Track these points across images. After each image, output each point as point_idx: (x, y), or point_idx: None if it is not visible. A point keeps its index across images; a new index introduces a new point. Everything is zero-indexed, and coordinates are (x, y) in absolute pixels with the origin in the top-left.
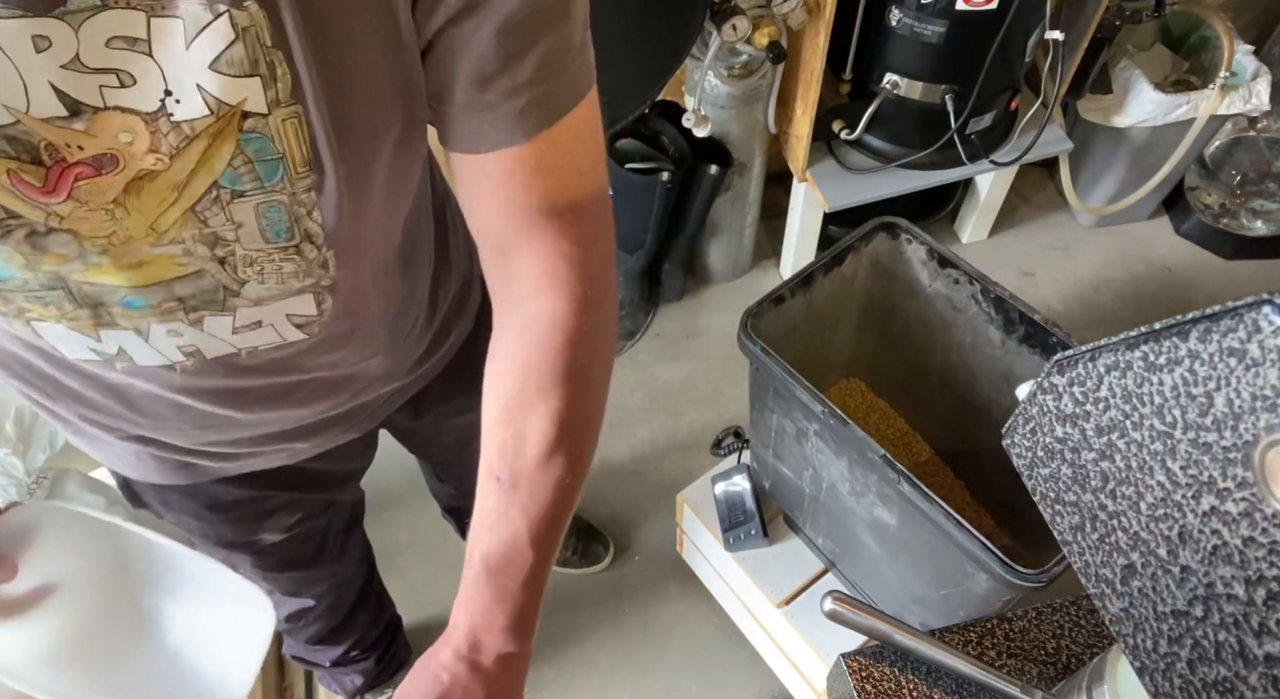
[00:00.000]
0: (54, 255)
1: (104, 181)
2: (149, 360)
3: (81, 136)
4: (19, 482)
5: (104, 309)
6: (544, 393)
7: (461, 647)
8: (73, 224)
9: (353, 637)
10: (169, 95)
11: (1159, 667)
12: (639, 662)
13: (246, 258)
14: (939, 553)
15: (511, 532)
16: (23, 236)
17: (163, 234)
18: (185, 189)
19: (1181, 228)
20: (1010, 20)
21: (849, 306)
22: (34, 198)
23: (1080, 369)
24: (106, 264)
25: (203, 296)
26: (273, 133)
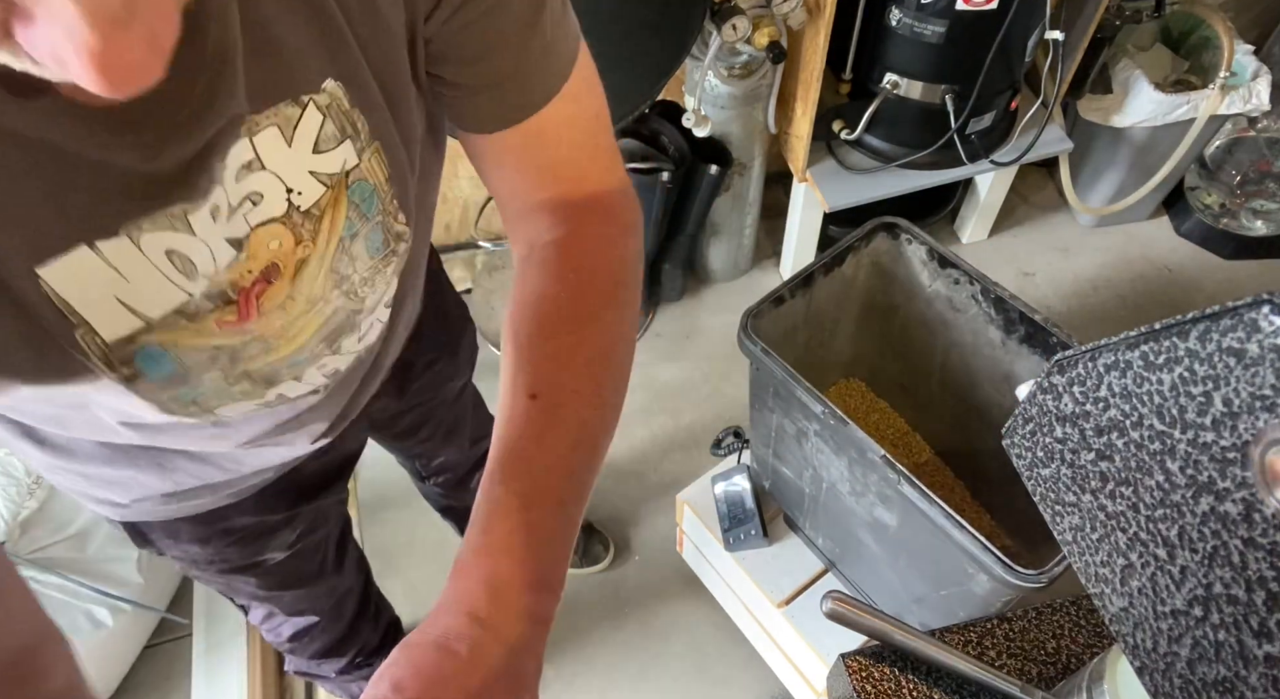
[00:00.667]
0: (246, 359)
1: (276, 288)
2: (299, 393)
3: (248, 262)
4: (19, 482)
5: (276, 376)
6: (594, 312)
7: (479, 605)
8: (260, 331)
9: (357, 645)
10: (290, 192)
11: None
12: (639, 662)
13: (362, 280)
14: (939, 553)
15: (551, 455)
16: (225, 358)
17: (315, 301)
18: (324, 257)
19: (1181, 228)
20: (1010, 20)
21: (849, 307)
22: (236, 329)
23: (1080, 369)
24: (281, 345)
25: (341, 328)
26: (365, 174)
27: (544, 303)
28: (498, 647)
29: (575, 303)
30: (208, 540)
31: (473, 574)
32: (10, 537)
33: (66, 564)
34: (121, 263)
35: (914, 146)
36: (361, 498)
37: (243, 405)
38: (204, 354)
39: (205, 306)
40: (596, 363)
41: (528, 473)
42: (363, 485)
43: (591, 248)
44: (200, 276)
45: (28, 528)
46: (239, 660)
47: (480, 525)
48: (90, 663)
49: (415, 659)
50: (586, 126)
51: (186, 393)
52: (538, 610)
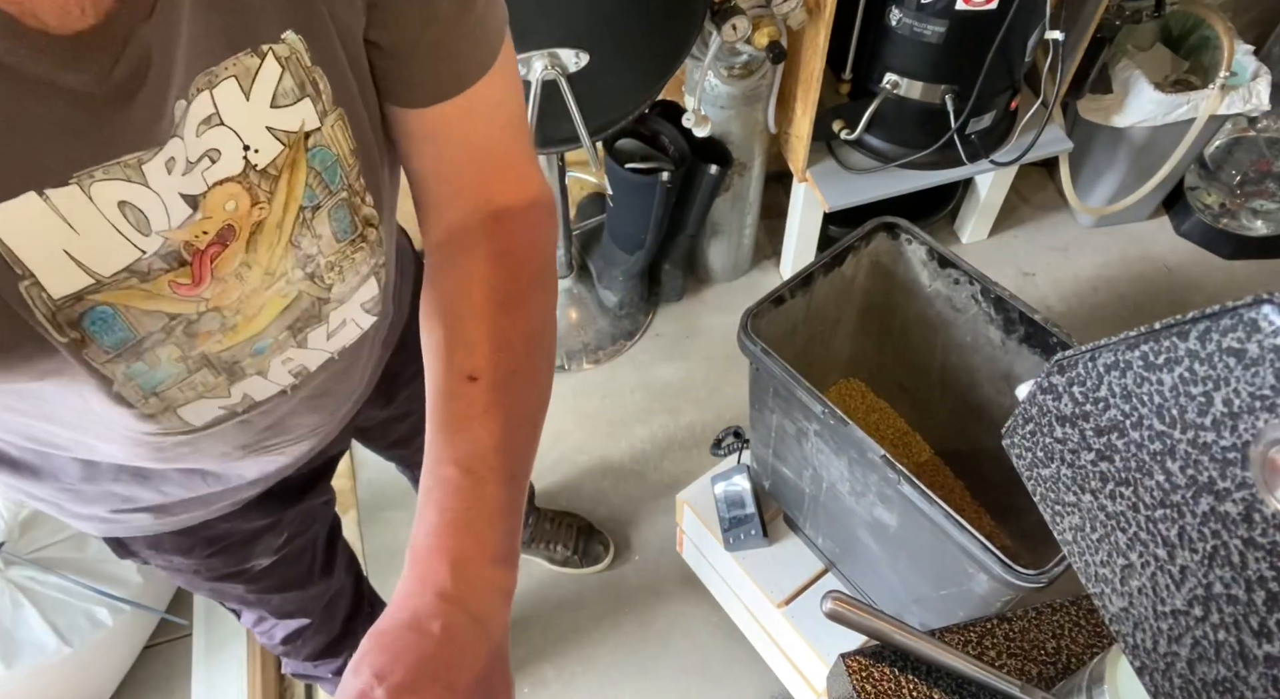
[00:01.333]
0: (203, 335)
1: (230, 251)
2: (266, 394)
3: (203, 223)
4: None
5: (238, 366)
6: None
7: (446, 583)
8: (215, 301)
9: (351, 646)
10: (248, 149)
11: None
12: (639, 661)
13: (329, 265)
14: (939, 553)
15: (497, 433)
16: (181, 331)
17: (274, 274)
18: (283, 225)
19: (1181, 228)
20: (1010, 20)
21: (849, 307)
22: (189, 294)
23: (1080, 369)
24: (239, 323)
25: (305, 317)
26: (328, 140)
27: (477, 286)
28: (470, 622)
29: (508, 285)
30: (190, 550)
31: (435, 554)
32: (10, 537)
33: (66, 564)
34: (72, 214)
35: (914, 146)
36: (361, 498)
37: (208, 405)
38: (157, 321)
39: (158, 267)
40: (530, 343)
41: (476, 453)
42: (362, 485)
43: (520, 231)
44: (154, 233)
45: (28, 528)
46: (239, 660)
47: (434, 506)
48: (90, 663)
49: (391, 644)
50: (514, 110)
51: (143, 373)
52: (502, 583)
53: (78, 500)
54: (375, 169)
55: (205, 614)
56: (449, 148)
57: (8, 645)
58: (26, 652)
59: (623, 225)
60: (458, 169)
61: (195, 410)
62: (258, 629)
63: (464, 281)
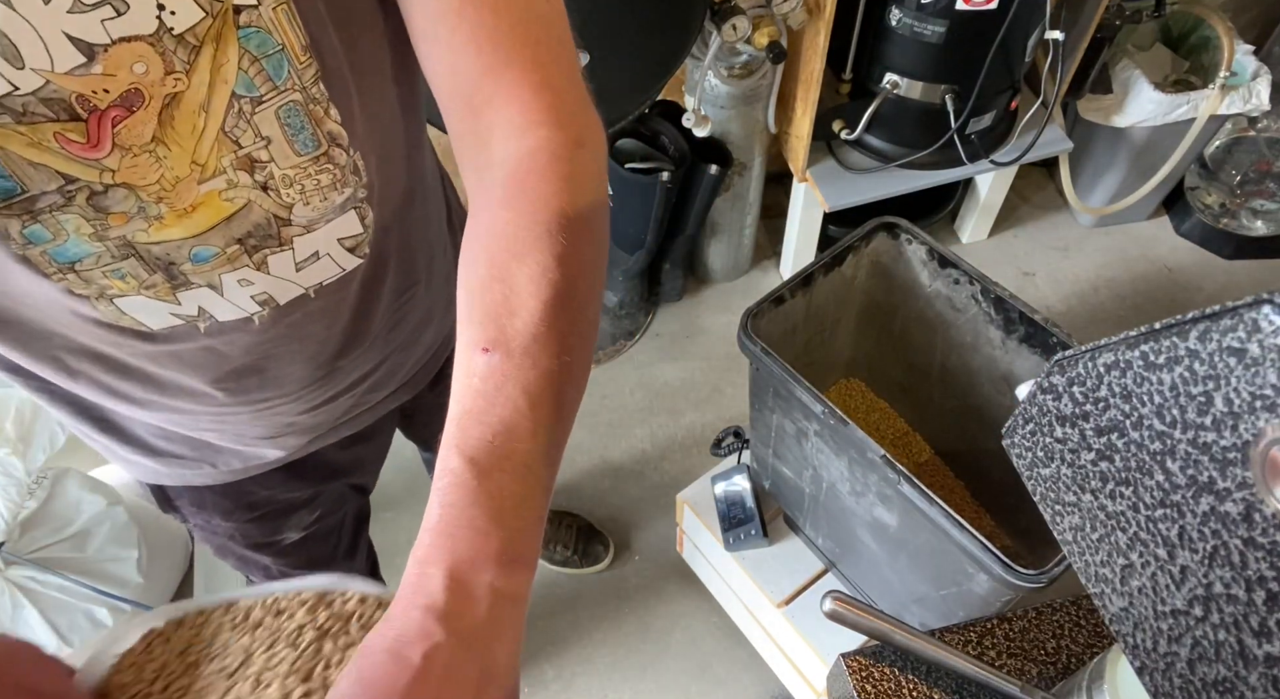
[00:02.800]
0: (117, 215)
1: (138, 120)
2: (228, 315)
3: (103, 80)
4: (19, 482)
5: (175, 268)
6: (542, 236)
7: (437, 595)
8: (125, 176)
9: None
10: (162, 9)
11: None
12: (639, 662)
13: (285, 178)
14: (939, 553)
15: (509, 415)
16: (84, 200)
17: (205, 166)
18: (210, 109)
19: (1181, 228)
20: (1010, 20)
21: (849, 307)
22: (83, 155)
23: (1080, 369)
24: (166, 213)
25: (259, 233)
26: (268, 24)
27: (492, 239)
28: (459, 645)
29: (524, 232)
30: (231, 513)
31: (431, 557)
32: (10, 537)
33: (66, 564)
34: None
35: (914, 146)
36: None
37: (155, 306)
38: (49, 179)
39: (40, 112)
40: (553, 305)
41: (484, 438)
42: None
43: (540, 165)
44: (29, 69)
45: (28, 528)
46: None
47: (438, 501)
48: None
49: (365, 671)
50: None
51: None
52: (507, 588)
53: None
54: (340, 80)
55: None
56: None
57: None
58: None
59: (623, 225)
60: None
61: (140, 307)
62: None
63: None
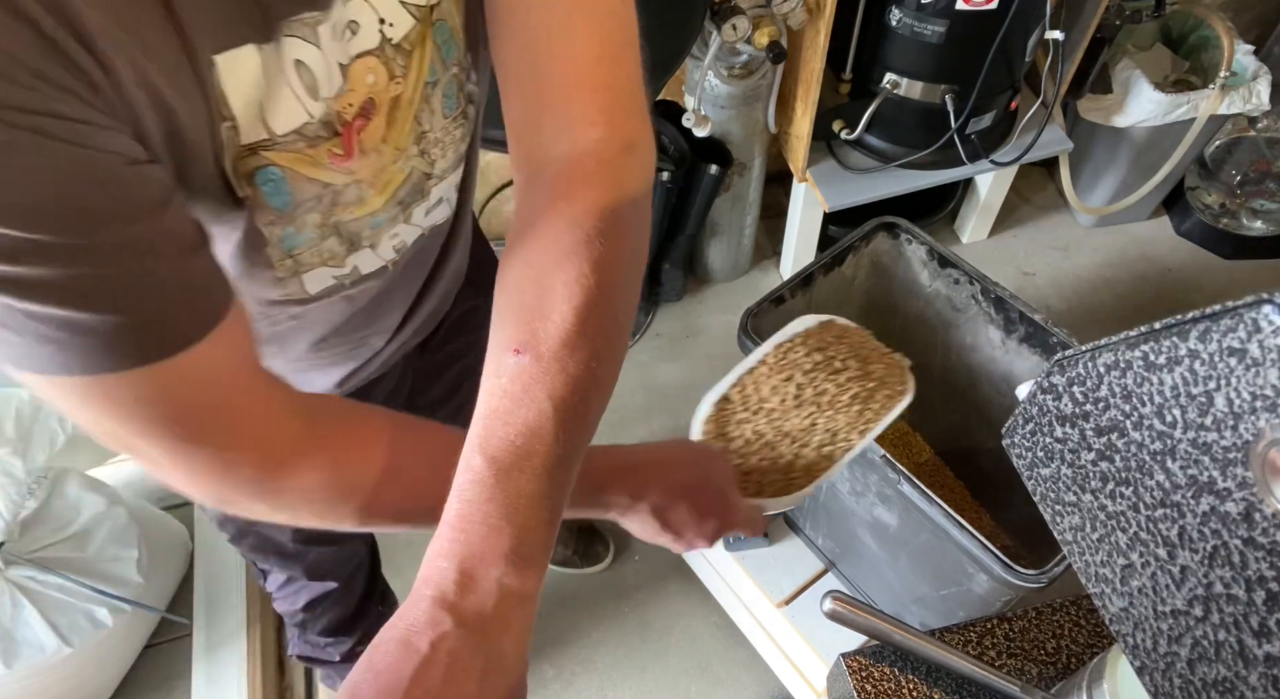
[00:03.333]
0: (342, 206)
1: (373, 126)
2: (372, 268)
3: (349, 95)
4: (19, 482)
5: (358, 237)
6: (584, 242)
7: (448, 588)
8: (360, 174)
9: (362, 628)
10: (384, 23)
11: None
12: (639, 661)
13: (436, 140)
14: (939, 553)
15: (535, 415)
16: (328, 201)
17: (402, 150)
18: (414, 100)
19: (1181, 228)
20: (1010, 20)
21: (849, 306)
22: (340, 165)
23: (1080, 369)
24: (372, 195)
25: (414, 191)
26: (446, 13)
27: (534, 238)
28: (466, 635)
29: (565, 236)
30: None
31: (444, 550)
32: (10, 537)
33: (66, 564)
34: (269, 67)
35: (914, 146)
36: None
37: (324, 273)
38: (312, 190)
39: (320, 134)
40: (586, 310)
41: (507, 438)
42: None
43: (587, 170)
44: (320, 98)
45: (28, 528)
46: (239, 660)
47: (456, 496)
48: (90, 663)
49: (376, 661)
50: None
51: (290, 237)
52: (516, 584)
53: None
54: (476, 38)
55: (205, 613)
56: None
57: (8, 645)
58: (26, 652)
59: None
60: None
61: (315, 278)
62: (282, 592)
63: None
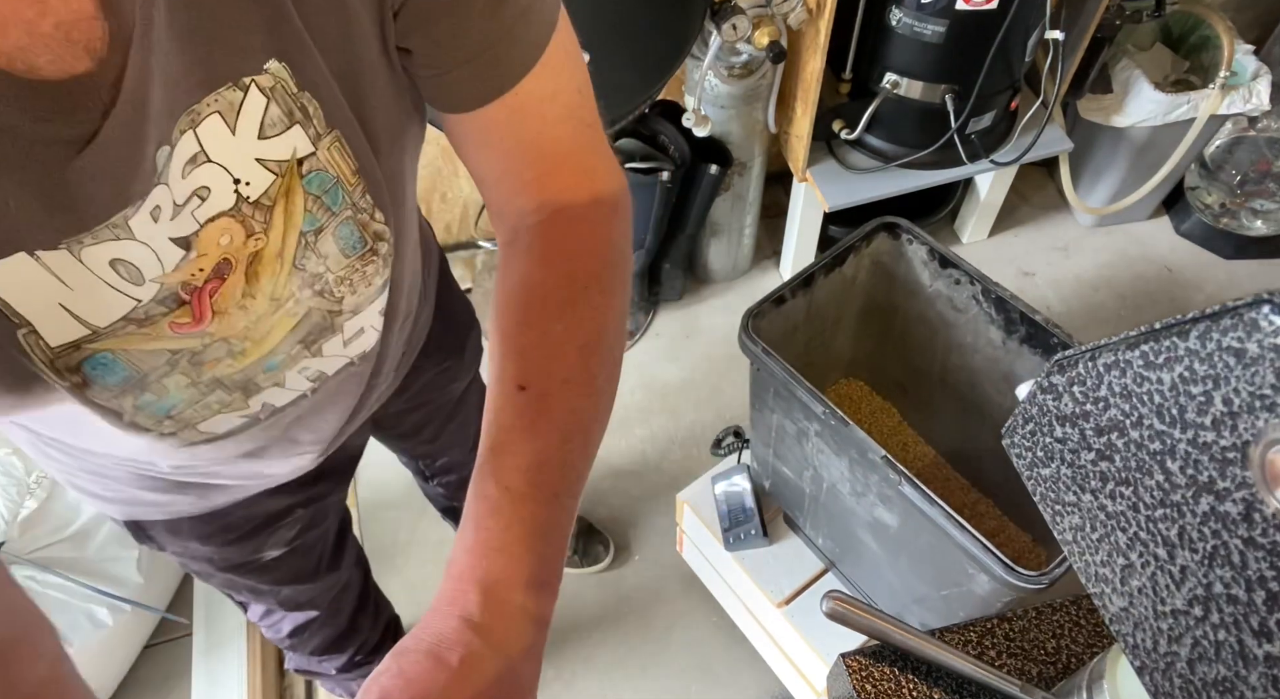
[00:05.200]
0: (210, 363)
1: (229, 285)
2: (286, 401)
3: (198, 261)
4: (19, 481)
5: (252, 383)
6: (582, 294)
7: (473, 608)
8: (220, 333)
9: (356, 642)
10: (238, 183)
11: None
12: (639, 661)
13: (338, 279)
14: (940, 554)
15: (542, 449)
16: (186, 362)
17: (281, 299)
18: (284, 252)
19: (1181, 228)
20: (1010, 20)
21: (849, 307)
22: (191, 331)
23: (1080, 369)
24: (248, 348)
25: (316, 330)
26: (324, 164)
27: (529, 290)
28: (492, 654)
29: (561, 288)
30: (209, 538)
31: (466, 575)
32: (10, 537)
33: (66, 564)
34: (64, 273)
35: (914, 146)
36: (361, 497)
37: (227, 418)
38: (159, 358)
39: (157, 311)
40: (587, 350)
41: (519, 467)
42: (363, 485)
43: (576, 230)
44: (148, 282)
45: (28, 528)
46: (239, 660)
47: (473, 523)
48: (90, 663)
49: (406, 668)
50: (569, 101)
51: (152, 403)
52: (535, 610)
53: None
54: (375, 179)
55: (205, 613)
56: (501, 149)
57: None
58: None
59: None
60: (513, 170)
61: (215, 423)
62: (264, 622)
63: (517, 286)
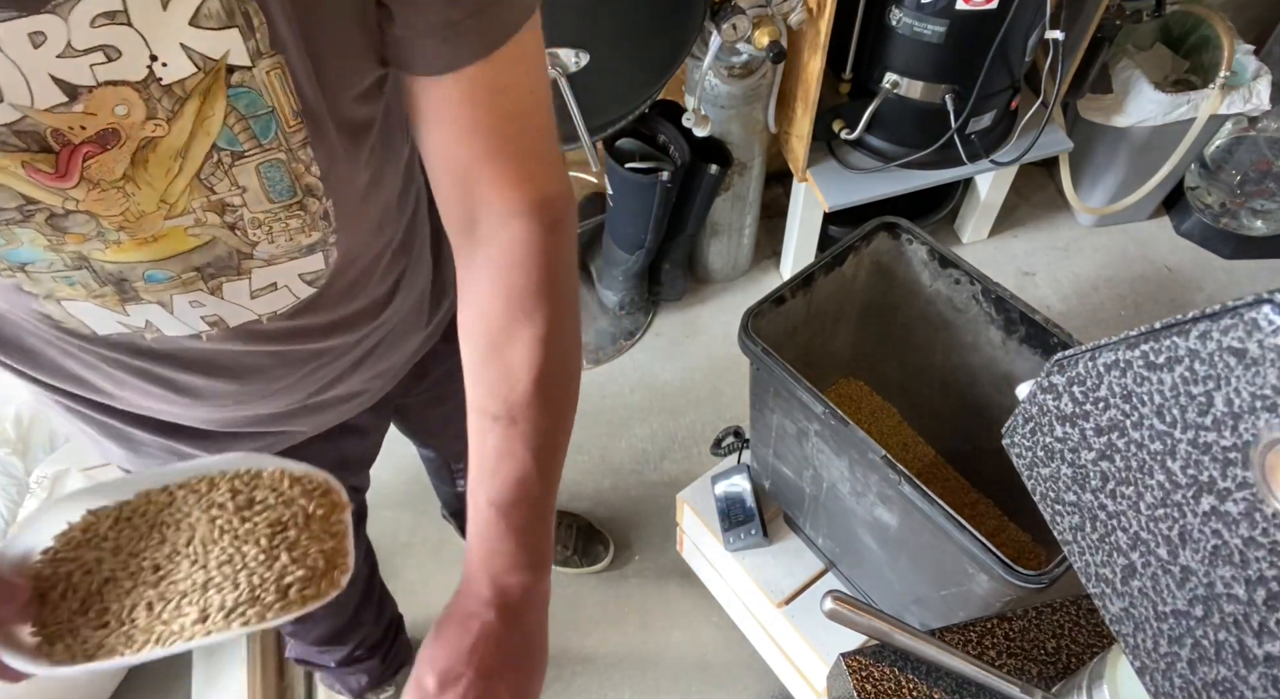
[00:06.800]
0: (75, 235)
1: (110, 157)
2: (175, 331)
3: (82, 117)
4: (19, 481)
5: (128, 285)
6: (527, 318)
7: (484, 591)
8: (89, 205)
9: (358, 636)
10: (154, 60)
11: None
12: (639, 662)
13: (254, 220)
14: (940, 553)
15: (518, 467)
16: (43, 220)
17: (173, 205)
18: (187, 156)
19: (1181, 228)
20: (1010, 20)
21: (849, 307)
22: (49, 184)
23: (1080, 368)
24: (125, 240)
25: (218, 264)
26: (259, 86)
27: (482, 319)
28: (504, 621)
29: (503, 316)
30: None
31: (478, 571)
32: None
33: None
34: None
35: (914, 146)
36: None
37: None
38: (9, 198)
39: (11, 142)
40: (542, 378)
41: (502, 486)
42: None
43: (516, 245)
44: (6, 104)
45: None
46: (239, 660)
47: (475, 534)
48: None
49: (442, 636)
50: (521, 100)
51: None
52: (533, 582)
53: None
54: (328, 148)
55: None
56: (449, 130)
57: None
58: None
59: (623, 225)
60: (456, 157)
61: (87, 312)
62: None
63: (475, 318)
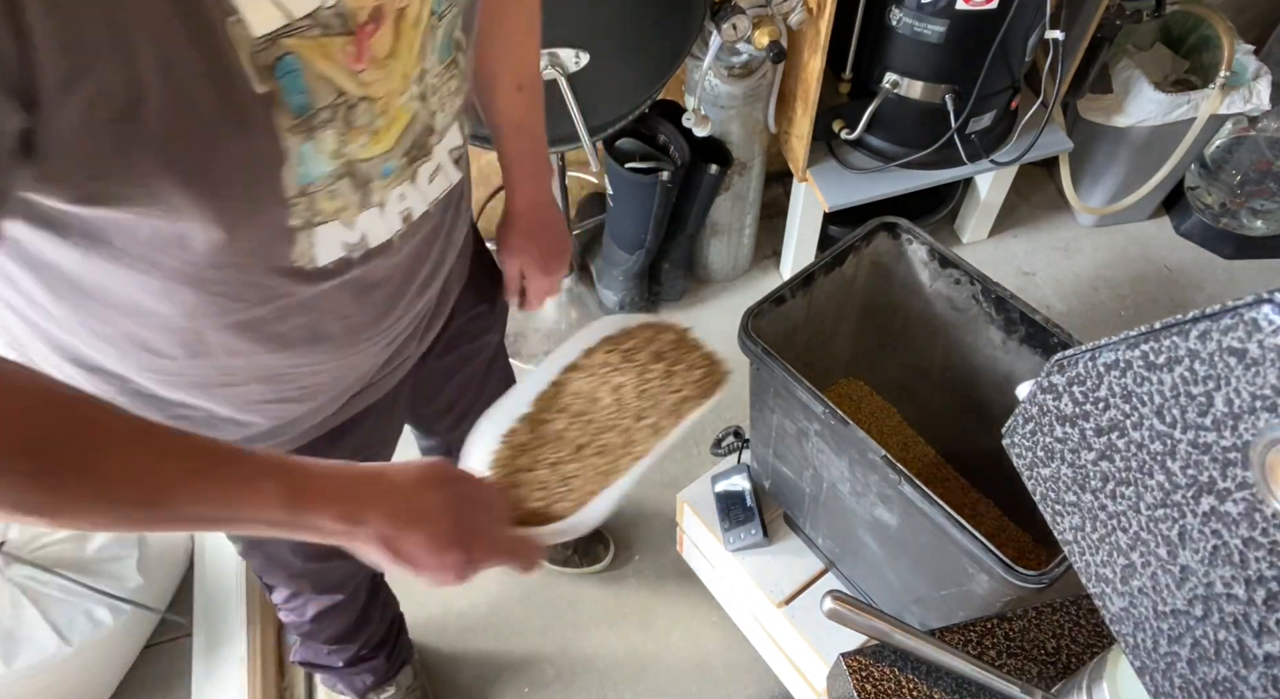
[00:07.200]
0: (357, 128)
1: (383, 33)
2: (382, 235)
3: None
4: None
5: (369, 187)
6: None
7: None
8: (370, 89)
9: (366, 633)
10: None
11: (1159, 666)
12: (639, 661)
13: (433, 87)
14: (940, 553)
15: (537, 123)
16: (342, 115)
17: (409, 79)
18: (419, 22)
19: (1181, 228)
20: (1010, 20)
21: (849, 306)
22: (350, 67)
23: (1080, 368)
24: (382, 126)
25: (417, 143)
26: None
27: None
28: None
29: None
30: None
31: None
32: (9, 536)
33: (66, 564)
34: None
35: (914, 146)
36: None
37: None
38: (327, 90)
39: (334, 24)
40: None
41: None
42: None
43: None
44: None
45: (28, 527)
46: (239, 660)
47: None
48: (90, 663)
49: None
50: None
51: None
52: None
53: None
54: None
55: (205, 613)
56: None
57: (8, 645)
58: (26, 651)
59: (623, 225)
60: None
61: (325, 239)
62: (289, 605)
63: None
